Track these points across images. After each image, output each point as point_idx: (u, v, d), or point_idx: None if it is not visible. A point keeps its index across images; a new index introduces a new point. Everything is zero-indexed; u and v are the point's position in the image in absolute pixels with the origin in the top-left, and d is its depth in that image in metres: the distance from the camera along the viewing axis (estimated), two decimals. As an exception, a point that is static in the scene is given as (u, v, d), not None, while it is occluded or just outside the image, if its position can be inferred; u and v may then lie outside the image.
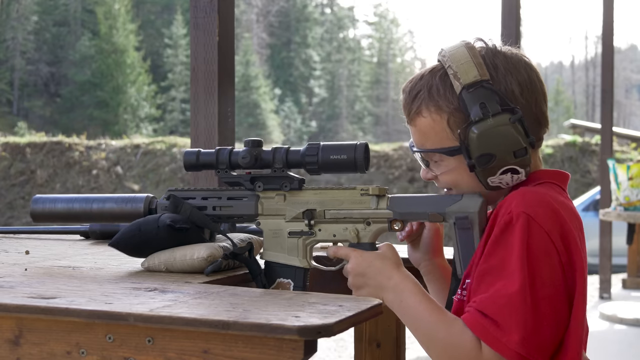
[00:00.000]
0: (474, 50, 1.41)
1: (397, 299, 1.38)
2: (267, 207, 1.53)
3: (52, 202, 1.66)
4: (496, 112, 1.36)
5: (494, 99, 1.37)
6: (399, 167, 16.40)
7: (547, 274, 1.28)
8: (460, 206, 1.43)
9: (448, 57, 1.41)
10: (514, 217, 1.31)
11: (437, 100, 1.42)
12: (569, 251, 1.30)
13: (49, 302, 1.18)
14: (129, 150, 18.25)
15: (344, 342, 5.92)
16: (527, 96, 1.41)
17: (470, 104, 1.37)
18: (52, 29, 35.64)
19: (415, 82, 1.46)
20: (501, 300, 1.27)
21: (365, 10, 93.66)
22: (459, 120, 1.40)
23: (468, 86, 1.38)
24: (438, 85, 1.42)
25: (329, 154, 1.48)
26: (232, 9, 2.31)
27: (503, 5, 4.65)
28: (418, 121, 1.45)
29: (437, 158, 1.46)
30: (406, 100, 1.47)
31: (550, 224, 1.30)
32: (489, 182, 1.41)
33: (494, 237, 1.33)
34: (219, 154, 1.54)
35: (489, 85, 1.38)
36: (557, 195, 1.37)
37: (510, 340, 1.24)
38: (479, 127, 1.37)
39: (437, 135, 1.43)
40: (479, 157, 1.38)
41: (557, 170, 1.47)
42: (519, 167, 1.39)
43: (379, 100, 44.96)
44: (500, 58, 1.42)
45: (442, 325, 1.31)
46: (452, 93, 1.40)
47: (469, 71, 1.38)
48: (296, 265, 1.51)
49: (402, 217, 1.48)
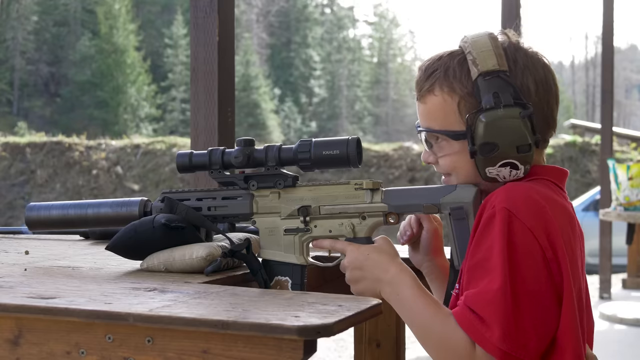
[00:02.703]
0: (497, 41, 1.41)
1: (394, 292, 1.39)
2: (262, 205, 1.54)
3: (46, 210, 1.65)
4: (508, 104, 1.37)
5: (508, 91, 1.37)
6: (399, 167, 16.41)
7: (529, 270, 1.28)
8: (454, 197, 1.44)
9: (470, 43, 1.42)
10: (496, 212, 1.31)
11: (451, 81, 1.42)
12: (554, 248, 1.30)
13: (49, 302, 1.18)
14: (129, 150, 18.26)
15: (344, 342, 5.92)
16: (540, 95, 1.41)
17: (484, 91, 1.37)
18: (52, 29, 35.64)
19: (433, 61, 1.46)
20: (486, 296, 1.27)
21: (365, 10, 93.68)
22: (469, 106, 1.40)
23: (485, 74, 1.38)
24: (455, 67, 1.42)
25: (321, 149, 1.48)
26: (232, 9, 2.31)
27: (503, 5, 4.65)
28: (429, 99, 1.45)
29: (441, 140, 1.45)
30: (420, 77, 1.47)
31: (533, 219, 1.30)
32: (486, 172, 1.40)
33: (478, 232, 1.33)
34: (212, 154, 1.54)
35: (506, 77, 1.38)
36: (546, 191, 1.37)
37: (493, 335, 1.25)
38: (488, 116, 1.37)
39: (445, 116, 1.43)
40: (482, 144, 1.38)
41: (555, 167, 1.46)
42: (520, 162, 1.39)
43: (379, 100, 44.96)
44: (521, 53, 1.42)
45: (438, 320, 1.32)
46: (467, 78, 1.40)
47: (489, 59, 1.38)
48: (293, 263, 1.52)
49: (397, 209, 1.48)
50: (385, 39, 47.90)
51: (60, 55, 35.51)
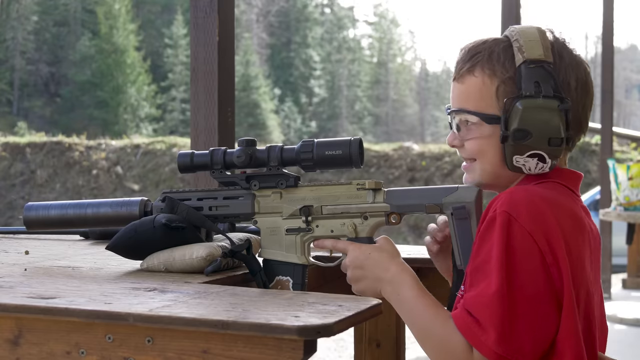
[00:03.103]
0: (545, 35, 1.41)
1: (394, 292, 1.39)
2: (264, 205, 1.54)
3: (45, 209, 1.64)
4: (548, 94, 1.36)
5: (549, 83, 1.37)
6: (399, 167, 16.41)
7: (528, 274, 1.28)
8: (456, 197, 1.44)
9: (517, 32, 1.42)
10: (497, 215, 1.31)
11: (494, 64, 1.41)
12: (555, 252, 1.29)
13: (49, 302, 1.18)
14: (129, 150, 18.26)
15: (344, 342, 5.93)
16: (579, 94, 1.41)
17: (526, 79, 1.37)
18: (52, 29, 35.64)
19: (477, 44, 1.46)
20: (483, 299, 1.27)
21: (365, 10, 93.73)
22: (508, 91, 1.39)
23: (530, 61, 1.38)
24: (499, 52, 1.42)
25: (323, 150, 1.49)
26: (232, 9, 2.32)
27: (503, 5, 4.65)
28: (467, 79, 1.44)
29: (471, 123, 1.44)
30: (462, 57, 1.46)
31: (533, 224, 1.29)
32: (513, 160, 1.39)
33: (480, 235, 1.33)
34: (213, 154, 1.54)
35: (549, 68, 1.38)
36: (552, 195, 1.36)
37: (489, 339, 1.25)
38: (526, 103, 1.36)
39: (481, 98, 1.42)
40: (515, 130, 1.37)
41: (569, 170, 1.45)
42: (548, 156, 1.38)
43: (379, 100, 44.96)
44: (567, 51, 1.43)
45: (438, 321, 1.32)
46: (511, 63, 1.40)
47: (536, 48, 1.38)
48: (294, 262, 1.52)
49: (399, 209, 1.48)
50: (385, 39, 47.89)
51: (60, 55, 35.51)
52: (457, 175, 15.39)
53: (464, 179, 1.49)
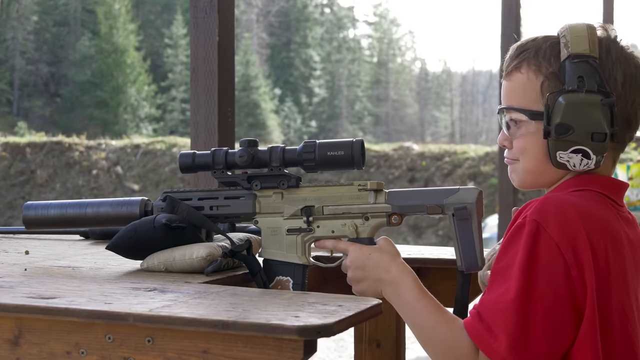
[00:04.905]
0: (593, 30, 1.40)
1: (395, 292, 1.39)
2: (265, 205, 1.54)
3: (44, 208, 1.64)
4: (591, 89, 1.35)
5: (594, 78, 1.36)
6: (399, 167, 16.40)
7: (549, 285, 1.26)
8: (458, 198, 1.45)
9: (566, 28, 1.41)
10: (526, 223, 1.30)
11: (540, 60, 1.41)
12: (581, 266, 1.27)
13: (49, 302, 1.18)
14: (129, 150, 18.25)
15: (344, 342, 5.93)
16: (627, 90, 1.39)
17: (570, 73, 1.37)
18: (52, 29, 35.63)
19: (527, 41, 1.46)
20: (499, 305, 1.26)
21: (365, 10, 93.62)
22: (552, 86, 1.39)
23: (574, 56, 1.37)
24: (546, 49, 1.41)
25: (325, 151, 1.49)
26: (232, 9, 2.32)
27: (503, 5, 4.65)
28: (514, 76, 1.44)
29: (519, 120, 1.43)
30: (511, 55, 1.46)
31: (562, 235, 1.28)
32: (557, 157, 1.38)
33: (506, 239, 1.32)
34: (215, 154, 1.54)
35: (594, 63, 1.37)
36: (587, 205, 1.33)
37: (500, 346, 1.24)
38: (568, 97, 1.35)
39: (526, 95, 1.42)
40: (557, 125, 1.36)
41: (609, 178, 1.43)
42: (592, 152, 1.36)
43: (379, 100, 44.95)
44: (616, 46, 1.41)
45: (441, 324, 1.32)
46: (556, 59, 1.40)
47: (581, 43, 1.37)
48: (295, 263, 1.52)
49: (401, 210, 1.48)
50: (385, 39, 47.88)
51: (60, 55, 35.50)
52: (457, 175, 15.39)
53: (510, 178, 1.48)
